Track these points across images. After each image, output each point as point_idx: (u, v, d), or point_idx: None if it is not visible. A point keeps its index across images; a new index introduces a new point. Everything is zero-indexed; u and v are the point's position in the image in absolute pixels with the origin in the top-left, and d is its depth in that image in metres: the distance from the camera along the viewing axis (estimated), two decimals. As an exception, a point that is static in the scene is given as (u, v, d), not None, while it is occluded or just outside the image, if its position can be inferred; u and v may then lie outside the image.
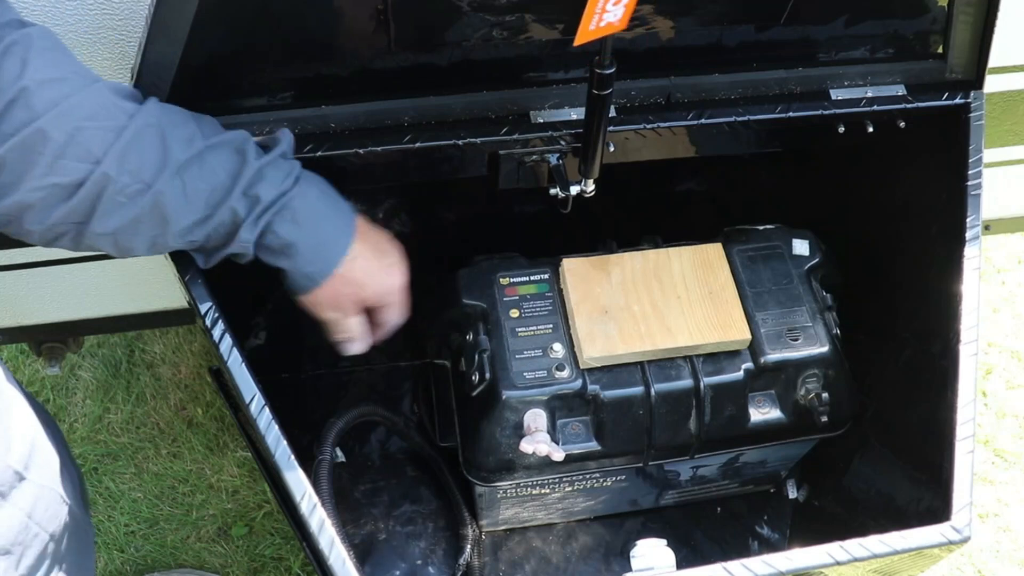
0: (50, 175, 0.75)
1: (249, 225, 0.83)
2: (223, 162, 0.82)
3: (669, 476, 1.21)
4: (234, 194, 0.82)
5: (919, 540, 0.88)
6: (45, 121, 0.73)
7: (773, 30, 1.00)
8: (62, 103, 0.74)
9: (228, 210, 0.82)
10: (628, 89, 1.00)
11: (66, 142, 0.74)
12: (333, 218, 0.88)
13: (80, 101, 0.75)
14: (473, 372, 1.04)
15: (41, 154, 0.74)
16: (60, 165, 0.75)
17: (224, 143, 0.83)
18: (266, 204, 0.83)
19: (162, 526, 1.67)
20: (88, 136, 0.75)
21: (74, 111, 0.75)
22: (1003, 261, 2.16)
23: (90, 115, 0.76)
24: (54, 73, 0.75)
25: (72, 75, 0.77)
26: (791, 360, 1.04)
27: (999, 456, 1.86)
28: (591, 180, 1.00)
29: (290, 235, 0.84)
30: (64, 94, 0.75)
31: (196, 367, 1.84)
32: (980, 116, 1.05)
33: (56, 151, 0.74)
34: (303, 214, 0.85)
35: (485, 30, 0.90)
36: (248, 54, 0.89)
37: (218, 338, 0.89)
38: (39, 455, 0.81)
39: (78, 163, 0.75)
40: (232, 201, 0.82)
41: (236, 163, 0.82)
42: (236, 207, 0.82)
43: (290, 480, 0.85)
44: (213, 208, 0.82)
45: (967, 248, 1.00)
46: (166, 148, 0.79)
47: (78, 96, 0.75)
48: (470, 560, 1.27)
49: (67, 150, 0.75)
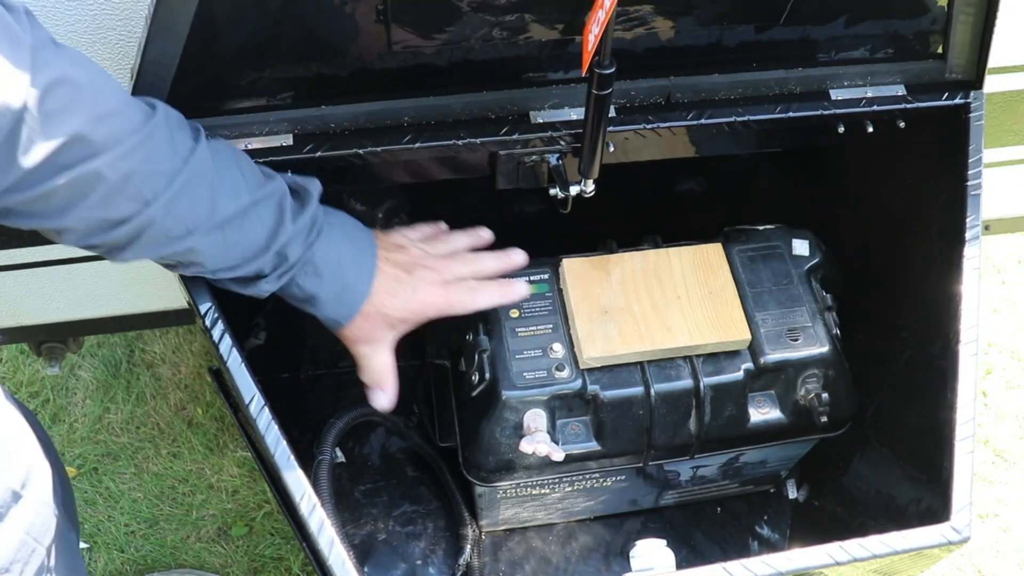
0: (98, 210, 0.75)
1: (272, 279, 0.86)
2: (263, 220, 0.84)
3: (669, 476, 1.21)
4: (268, 253, 0.84)
5: (919, 540, 0.88)
6: (102, 162, 0.73)
7: (773, 30, 1.00)
8: (122, 143, 0.74)
9: (256, 265, 0.85)
10: (628, 89, 1.00)
11: (121, 183, 0.75)
12: (354, 261, 0.91)
13: (138, 143, 0.75)
14: (473, 372, 1.04)
15: (94, 190, 0.74)
16: (111, 202, 0.75)
17: (267, 197, 0.84)
18: (292, 263, 0.86)
19: (162, 526, 1.67)
20: (142, 179, 0.76)
21: (132, 154, 0.75)
22: (1003, 261, 2.16)
23: (146, 158, 0.76)
24: (109, 107, 0.74)
25: (126, 107, 0.76)
26: (791, 360, 1.04)
27: (999, 456, 1.86)
28: (591, 180, 1.00)
29: (312, 288, 0.88)
30: (123, 132, 0.74)
31: (196, 367, 1.84)
32: (980, 116, 1.05)
33: (109, 190, 0.75)
34: (325, 266, 0.88)
35: (485, 30, 0.90)
36: (248, 54, 0.89)
37: (218, 338, 0.89)
38: (36, 472, 0.81)
39: (129, 202, 0.76)
40: (263, 259, 0.84)
41: (275, 222, 0.84)
42: (264, 264, 0.85)
43: (290, 480, 0.85)
44: (244, 261, 0.84)
45: (967, 248, 1.00)
46: (214, 200, 0.80)
47: (136, 137, 0.75)
48: (470, 560, 1.27)
49: (121, 189, 0.75)
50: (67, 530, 0.90)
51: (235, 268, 0.85)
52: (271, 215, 0.84)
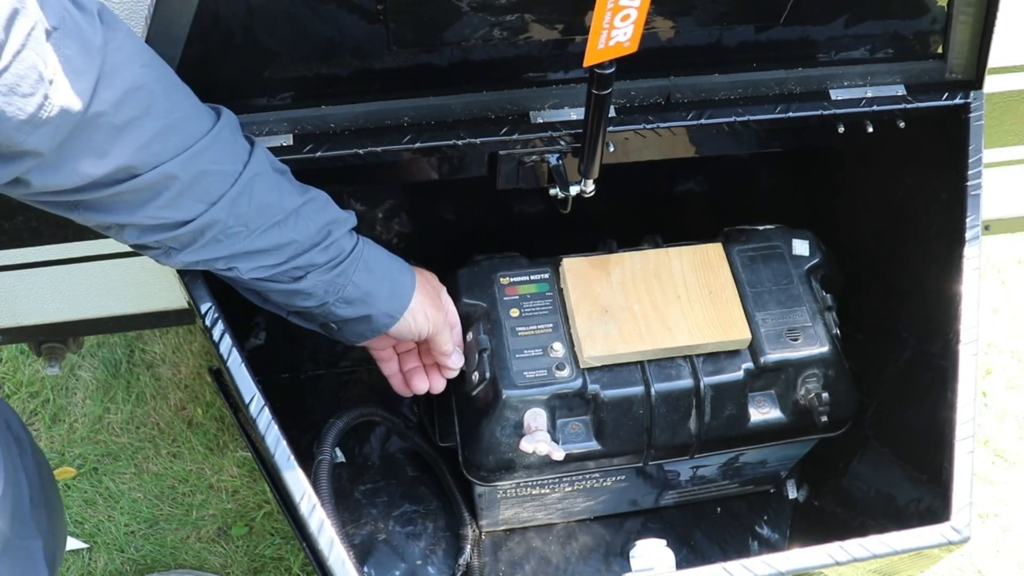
0: (167, 209, 0.78)
1: (324, 270, 0.88)
2: (316, 217, 0.86)
3: (669, 476, 1.21)
4: (319, 247, 0.87)
5: (919, 540, 0.88)
6: (176, 163, 0.76)
7: (773, 30, 1.00)
8: (193, 145, 0.77)
9: (307, 259, 0.86)
10: (628, 89, 1.00)
11: (191, 183, 0.77)
12: (394, 260, 0.95)
13: (208, 145, 0.78)
14: (473, 371, 1.04)
15: (167, 190, 0.77)
16: (180, 202, 0.78)
17: (316, 198, 0.88)
18: (344, 255, 0.88)
19: (162, 526, 1.66)
20: (210, 180, 0.79)
21: (202, 155, 0.78)
22: (1003, 261, 2.16)
23: (215, 159, 0.79)
24: (182, 113, 0.77)
25: (195, 111, 0.79)
26: (791, 360, 1.04)
27: (999, 456, 1.86)
28: (591, 180, 1.00)
29: (368, 284, 0.91)
30: (194, 135, 0.77)
31: (196, 367, 1.84)
32: (980, 116, 1.05)
33: (181, 190, 0.77)
34: (375, 263, 0.91)
35: (485, 30, 0.90)
36: (248, 54, 0.89)
37: (218, 338, 0.89)
38: None
39: (196, 203, 0.79)
40: (314, 252, 0.86)
41: (326, 219, 0.87)
42: (316, 258, 0.87)
43: (290, 480, 0.85)
44: (296, 256, 0.86)
45: (967, 248, 1.00)
46: (271, 198, 0.83)
47: (206, 140, 0.78)
48: (470, 560, 1.27)
49: (191, 190, 0.78)
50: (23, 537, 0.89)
51: (285, 263, 0.86)
52: (324, 211, 0.87)
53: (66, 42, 0.67)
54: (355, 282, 0.90)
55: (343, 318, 0.92)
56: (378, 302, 0.92)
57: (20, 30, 0.63)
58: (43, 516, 0.95)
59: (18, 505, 0.89)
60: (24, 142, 0.66)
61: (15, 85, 0.64)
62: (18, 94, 0.64)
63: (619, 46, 0.79)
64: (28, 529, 0.91)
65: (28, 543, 0.91)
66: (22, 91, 0.64)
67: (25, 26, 0.63)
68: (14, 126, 0.65)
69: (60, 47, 0.67)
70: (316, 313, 0.92)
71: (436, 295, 1.00)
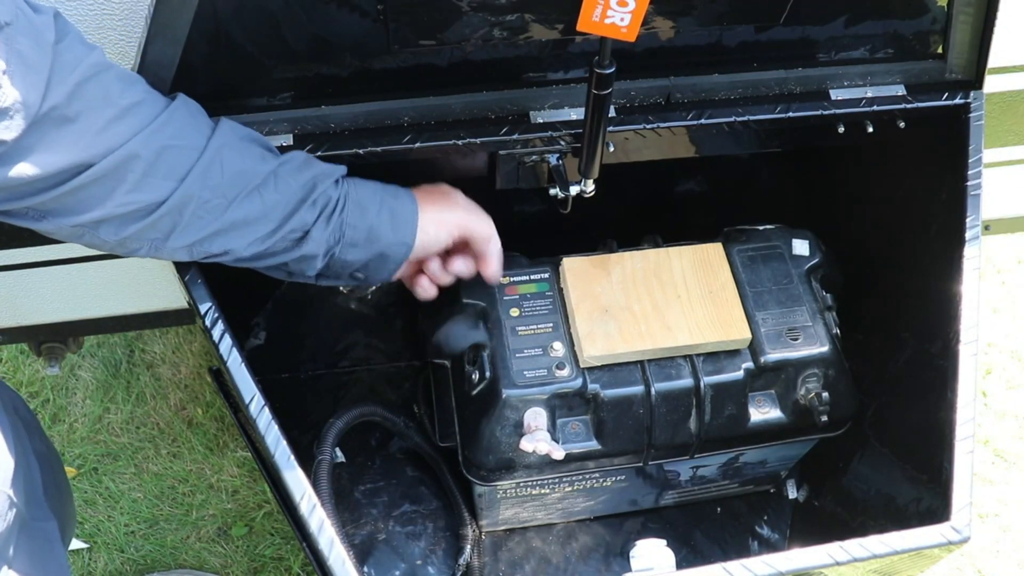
0: (136, 192, 0.78)
1: (320, 225, 0.87)
2: (296, 175, 0.86)
3: (669, 476, 1.21)
4: (306, 204, 0.86)
5: (919, 540, 0.88)
6: (135, 143, 0.76)
7: (773, 30, 1.00)
8: (151, 123, 0.77)
9: (299, 219, 0.86)
10: (628, 89, 1.00)
11: (154, 159, 0.78)
12: (387, 190, 0.93)
13: (165, 121, 0.79)
14: (473, 371, 1.04)
15: (131, 171, 0.77)
16: (147, 183, 0.78)
17: (292, 158, 0.87)
18: (333, 204, 0.88)
19: (162, 526, 1.66)
20: (174, 155, 0.79)
21: (161, 130, 0.78)
22: (1003, 261, 2.16)
23: (174, 134, 0.79)
24: (135, 97, 0.78)
25: (149, 95, 0.80)
26: (791, 360, 1.04)
27: (999, 456, 1.86)
28: (591, 180, 1.00)
29: (365, 221, 0.90)
30: (150, 115, 0.78)
31: (196, 367, 1.84)
32: (980, 116, 1.05)
33: (145, 168, 0.77)
34: (366, 200, 0.90)
35: (485, 30, 0.90)
36: (248, 54, 0.89)
37: (218, 338, 0.89)
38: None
39: (164, 181, 0.79)
40: (303, 210, 0.86)
41: (308, 176, 0.87)
42: (306, 215, 0.86)
43: (290, 480, 0.85)
44: (287, 217, 0.86)
45: (967, 248, 1.00)
46: (244, 166, 0.83)
47: (162, 117, 0.79)
48: (470, 560, 1.27)
49: (155, 167, 0.78)
50: (40, 520, 0.90)
51: (281, 229, 0.86)
52: (304, 169, 0.87)
53: (18, 37, 0.69)
54: (352, 224, 0.89)
55: (358, 262, 0.92)
56: (384, 235, 0.91)
57: None
58: (55, 498, 0.96)
59: (31, 488, 0.90)
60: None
61: None
62: None
63: (614, 27, 0.79)
64: (43, 511, 0.92)
65: (44, 524, 0.92)
66: None
67: None
68: None
69: (11, 42, 0.68)
70: (332, 268, 0.91)
71: (445, 199, 0.98)
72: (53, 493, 0.96)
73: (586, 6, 0.78)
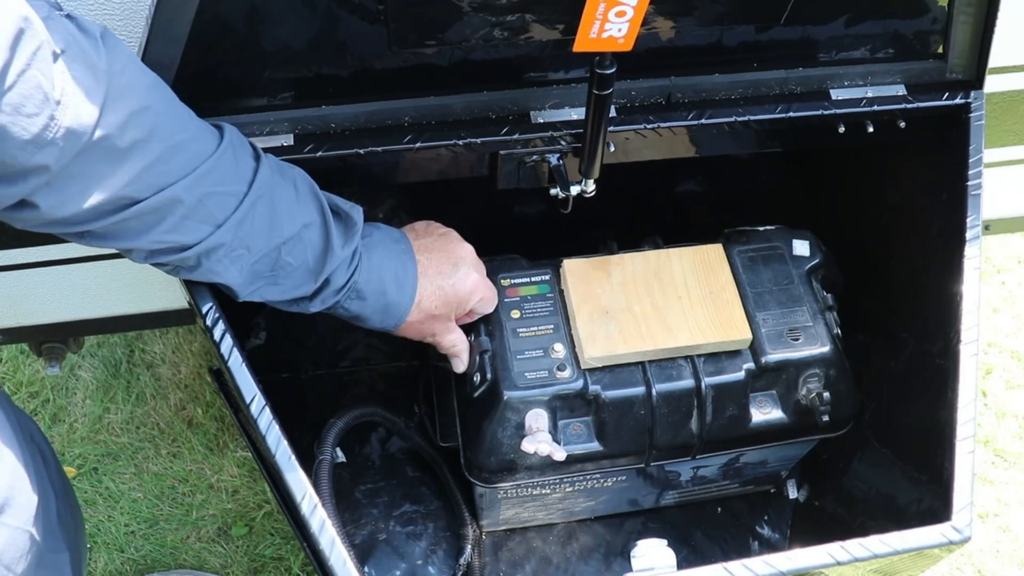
0: (172, 233, 0.78)
1: (317, 303, 0.89)
2: (313, 244, 0.86)
3: (670, 476, 1.21)
4: (315, 280, 0.87)
5: (919, 540, 0.88)
6: (180, 187, 0.76)
7: (773, 30, 1.00)
8: (197, 168, 0.76)
9: (303, 290, 0.88)
10: (628, 89, 1.00)
11: (196, 206, 0.77)
12: (395, 278, 0.93)
13: (212, 167, 0.78)
14: (474, 373, 1.04)
15: (172, 214, 0.77)
16: (185, 226, 0.78)
17: (313, 224, 0.86)
18: (336, 289, 0.89)
19: (162, 526, 1.66)
20: (215, 202, 0.79)
21: (206, 177, 0.77)
22: (1003, 261, 2.16)
23: (219, 180, 0.79)
24: (185, 135, 0.77)
25: (199, 132, 0.79)
26: (792, 360, 1.04)
27: (999, 456, 1.86)
28: (591, 180, 1.00)
29: (357, 309, 0.92)
30: (198, 157, 0.77)
31: (196, 367, 1.84)
32: (980, 116, 1.05)
33: (186, 213, 0.77)
34: (367, 288, 0.91)
35: (485, 30, 0.90)
36: (248, 54, 0.89)
37: (218, 338, 0.89)
38: (18, 497, 0.80)
39: (202, 225, 0.79)
40: (309, 284, 0.87)
41: (323, 248, 0.87)
42: (308, 290, 0.88)
43: (290, 480, 0.85)
44: (293, 288, 0.87)
45: (967, 248, 1.00)
46: (273, 222, 0.83)
47: (210, 162, 0.78)
48: (470, 560, 1.27)
49: (195, 213, 0.78)
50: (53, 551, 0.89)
51: (288, 293, 0.88)
52: (319, 240, 0.87)
53: (73, 65, 0.68)
54: (345, 307, 0.91)
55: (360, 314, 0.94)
56: (369, 322, 0.94)
57: (25, 50, 0.63)
58: (69, 529, 0.95)
59: (47, 518, 0.89)
60: (28, 161, 0.66)
61: (20, 104, 0.64)
62: (23, 113, 0.64)
63: (612, 40, 0.79)
64: (57, 542, 0.91)
65: (57, 556, 0.91)
66: (27, 111, 0.64)
67: (30, 46, 0.64)
68: (18, 145, 0.65)
69: (67, 69, 0.67)
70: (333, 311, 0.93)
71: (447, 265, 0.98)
72: (68, 524, 0.95)
73: (583, 26, 0.77)
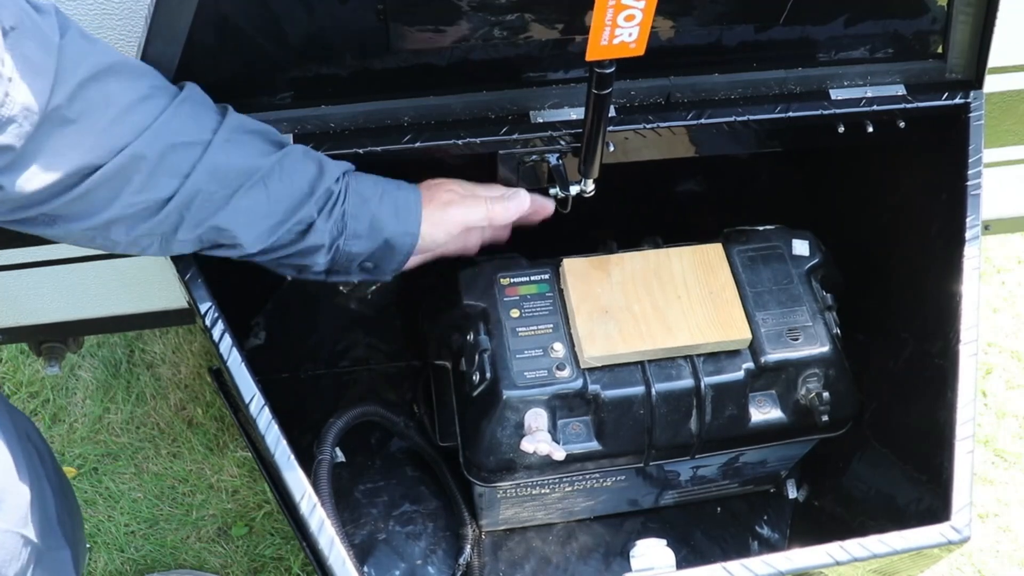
0: (143, 192, 0.78)
1: (323, 217, 0.88)
2: (300, 169, 0.86)
3: (669, 476, 1.21)
4: (314, 196, 0.86)
5: (919, 540, 0.88)
6: (139, 143, 0.76)
7: (772, 30, 1.00)
8: (153, 123, 0.77)
9: (304, 211, 0.86)
10: (627, 89, 1.00)
11: (159, 159, 0.77)
12: (390, 182, 0.94)
13: (169, 118, 0.78)
14: (474, 372, 1.04)
15: (137, 172, 0.77)
16: (154, 181, 0.78)
17: (295, 150, 0.87)
18: (334, 198, 0.88)
19: (162, 526, 1.66)
20: (178, 152, 0.78)
21: (165, 128, 0.77)
22: (1003, 261, 2.16)
23: (178, 131, 0.79)
24: (142, 91, 0.77)
25: (153, 90, 0.79)
26: (791, 360, 1.04)
27: (999, 456, 1.86)
28: (591, 180, 1.00)
29: (368, 211, 0.90)
30: (154, 113, 0.77)
31: (196, 367, 1.84)
32: (980, 116, 1.05)
33: (151, 168, 0.77)
34: (367, 191, 0.90)
35: (485, 30, 0.90)
36: (248, 54, 0.89)
37: (218, 338, 0.89)
38: (9, 499, 0.81)
39: (170, 178, 0.79)
40: (308, 204, 0.86)
41: (314, 169, 0.87)
42: (311, 210, 0.87)
43: (290, 480, 0.85)
44: (292, 210, 0.86)
45: (967, 248, 1.00)
46: (250, 158, 0.83)
47: (166, 114, 0.78)
48: (470, 560, 1.27)
49: (160, 166, 0.78)
50: (54, 549, 0.89)
51: (286, 223, 0.86)
52: (307, 164, 0.87)
53: (24, 41, 0.68)
54: (353, 215, 0.89)
55: (363, 253, 0.92)
56: (387, 225, 0.92)
57: None
58: (68, 526, 0.95)
59: (45, 517, 0.89)
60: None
61: None
62: None
63: (623, 46, 0.79)
64: (57, 540, 0.91)
65: (58, 554, 0.91)
66: None
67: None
68: None
69: (18, 46, 0.68)
70: (340, 262, 0.92)
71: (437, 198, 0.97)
72: (67, 521, 0.95)
73: (594, 33, 0.77)
